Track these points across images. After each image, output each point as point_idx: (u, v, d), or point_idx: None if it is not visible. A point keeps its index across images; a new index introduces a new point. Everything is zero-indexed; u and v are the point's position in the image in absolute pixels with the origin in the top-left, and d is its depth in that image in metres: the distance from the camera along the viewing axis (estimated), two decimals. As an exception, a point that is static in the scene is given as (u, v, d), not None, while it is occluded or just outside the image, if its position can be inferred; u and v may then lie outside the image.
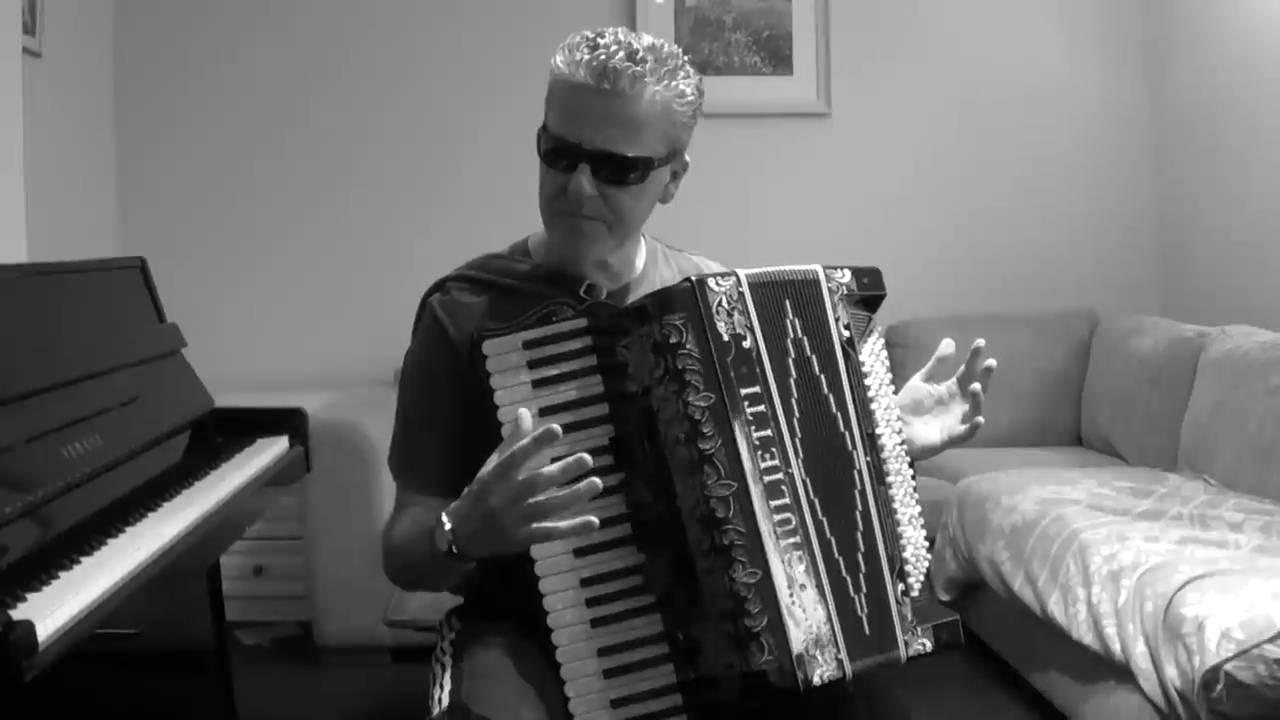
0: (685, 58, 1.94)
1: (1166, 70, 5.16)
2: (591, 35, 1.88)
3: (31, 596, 1.76)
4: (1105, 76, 5.25)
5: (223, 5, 4.95)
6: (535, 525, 1.64)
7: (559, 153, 1.91)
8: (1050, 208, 5.24)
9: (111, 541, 2.07)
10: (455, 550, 1.74)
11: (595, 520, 1.64)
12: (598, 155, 1.88)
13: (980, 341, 2.06)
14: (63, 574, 1.88)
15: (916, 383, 2.10)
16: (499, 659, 1.91)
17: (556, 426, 1.62)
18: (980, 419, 2.05)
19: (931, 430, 2.06)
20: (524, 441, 1.62)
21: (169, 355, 2.89)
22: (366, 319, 4.92)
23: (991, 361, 2.06)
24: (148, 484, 2.41)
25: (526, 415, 1.66)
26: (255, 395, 3.85)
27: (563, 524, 1.64)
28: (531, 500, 1.62)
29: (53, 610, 1.71)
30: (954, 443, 2.09)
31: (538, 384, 1.80)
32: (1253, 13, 4.50)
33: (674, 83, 1.89)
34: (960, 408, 2.08)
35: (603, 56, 1.84)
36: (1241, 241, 4.68)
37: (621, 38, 1.87)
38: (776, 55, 5.06)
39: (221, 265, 4.97)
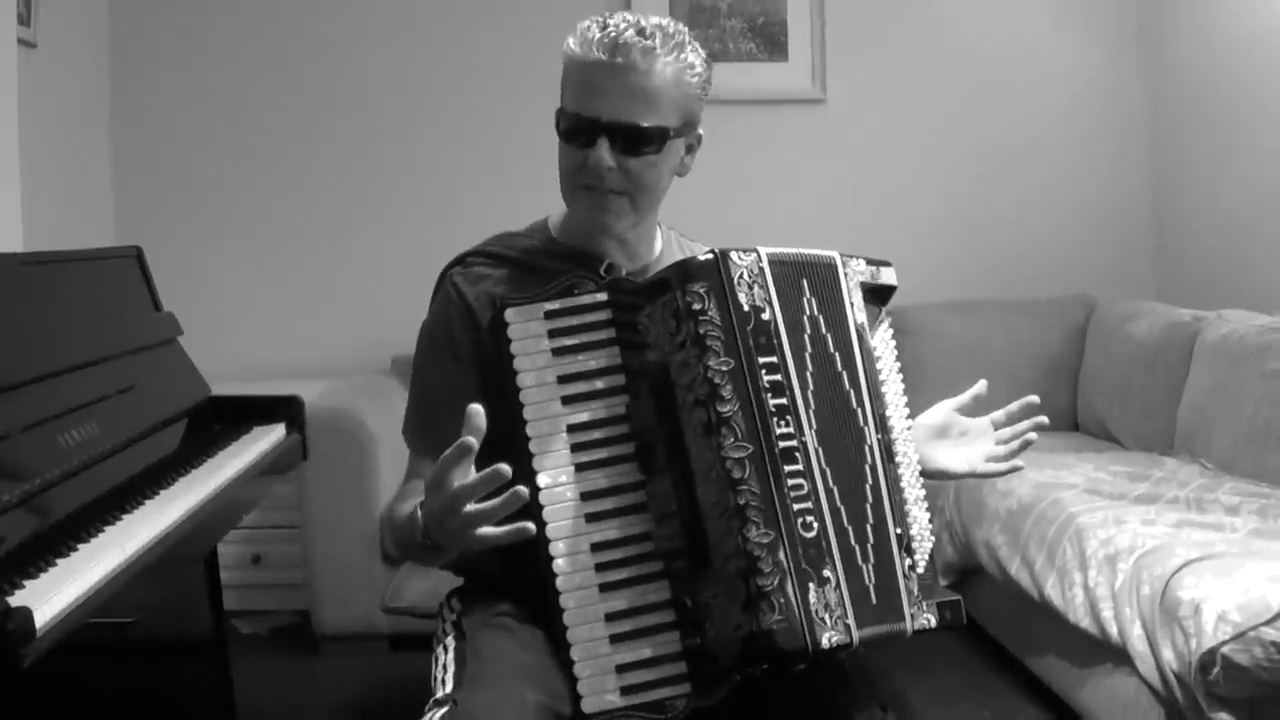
0: (691, 34, 2.02)
1: (1163, 54, 5.15)
2: (601, 18, 1.97)
3: (29, 583, 1.76)
4: (1101, 61, 5.25)
5: (217, -6, 4.95)
6: (475, 532, 1.68)
7: (577, 129, 1.97)
8: (1046, 193, 5.24)
9: (108, 529, 2.07)
10: (429, 541, 1.79)
11: (531, 527, 1.69)
12: (615, 127, 1.94)
13: (1034, 398, 2.19)
14: (60, 561, 1.88)
15: (946, 409, 2.18)
16: (501, 639, 1.93)
17: (471, 440, 1.65)
18: (1021, 464, 2.18)
19: (954, 458, 2.16)
20: (446, 453, 1.66)
21: (165, 344, 2.89)
22: (363, 307, 4.92)
23: (1044, 419, 2.17)
24: (144, 472, 2.41)
25: (479, 411, 1.68)
26: (252, 383, 3.86)
27: (498, 530, 1.68)
28: (465, 510, 1.66)
29: (50, 597, 1.71)
30: (976, 476, 2.19)
31: (558, 353, 1.85)
32: (1248, -4, 4.51)
33: (683, 55, 1.97)
34: (986, 444, 2.17)
35: (613, 33, 1.92)
36: (1237, 226, 4.68)
37: (630, 17, 1.96)
38: (771, 41, 5.05)
39: (218, 254, 4.97)
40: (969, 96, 5.19)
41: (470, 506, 1.66)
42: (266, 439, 2.89)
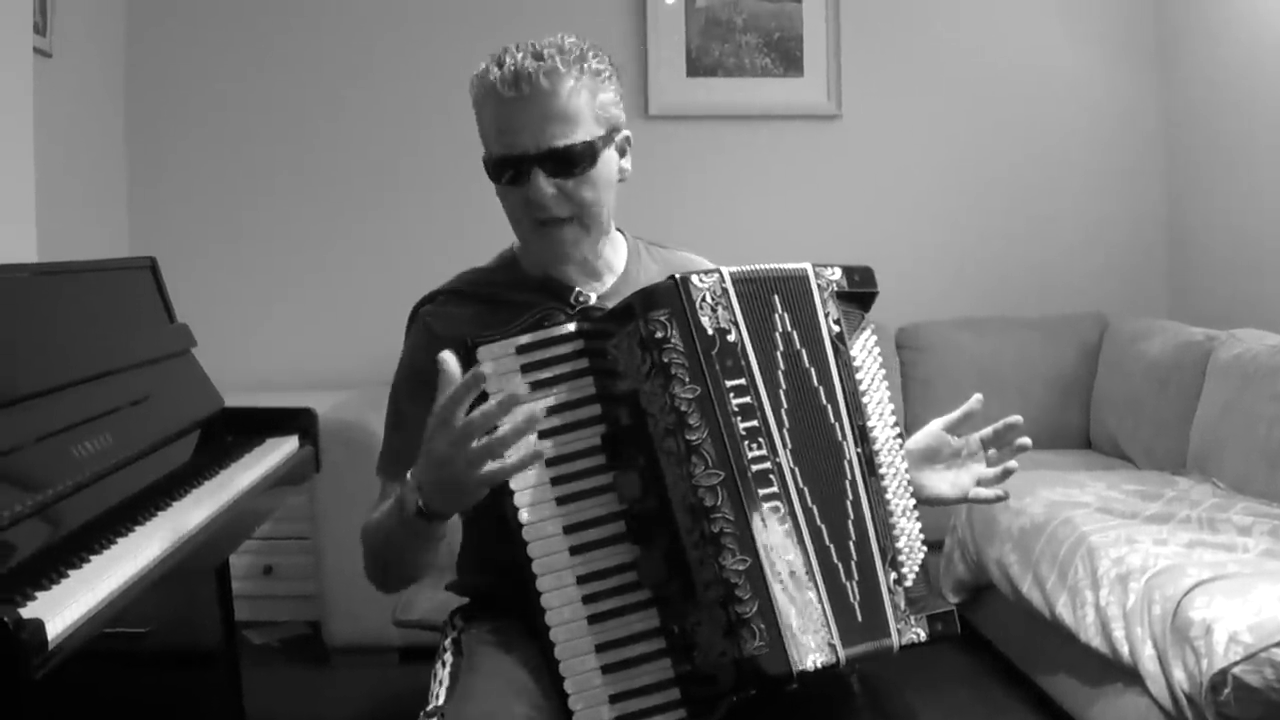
0: (588, 42, 2.00)
1: (1176, 72, 5.15)
2: (495, 55, 1.97)
3: (41, 595, 1.77)
4: (1115, 79, 5.25)
5: (233, 7, 4.96)
6: (485, 469, 1.66)
7: (507, 169, 1.97)
8: (1060, 210, 5.24)
9: (121, 540, 2.08)
10: (423, 506, 1.76)
11: (542, 447, 1.70)
12: (544, 155, 1.93)
13: (1017, 418, 2.10)
14: (72, 573, 1.89)
15: (936, 430, 2.12)
16: (497, 656, 1.93)
17: (483, 370, 1.66)
18: (1006, 494, 2.11)
19: (942, 482, 2.10)
20: (451, 389, 1.66)
21: (179, 355, 2.90)
22: (376, 320, 4.89)
23: (1027, 441, 2.09)
24: (157, 483, 2.42)
25: (451, 359, 1.69)
26: (265, 395, 3.86)
27: (510, 460, 1.66)
28: (474, 444, 1.64)
29: (62, 609, 1.72)
30: (968, 501, 2.13)
31: (533, 387, 1.83)
32: (1264, 11, 4.50)
33: (586, 64, 1.96)
34: (978, 467, 2.12)
35: (512, 66, 1.92)
36: (1250, 245, 4.67)
37: (523, 45, 1.96)
38: (787, 57, 5.06)
39: (232, 265, 4.98)
40: (983, 113, 5.19)
41: (477, 443, 1.64)
42: (279, 451, 2.90)
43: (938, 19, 5.17)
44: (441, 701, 1.92)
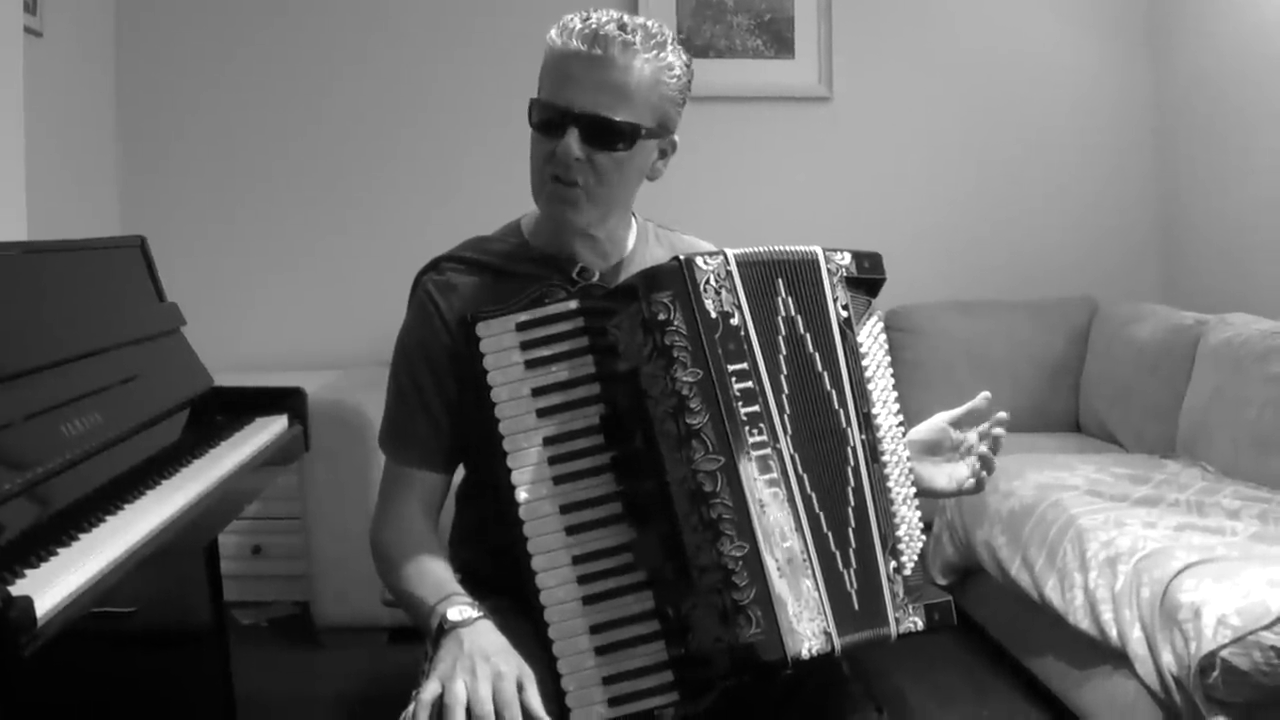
0: (676, 39, 2.00)
1: (1168, 56, 5.15)
2: (585, 11, 1.95)
3: (30, 573, 1.76)
4: (1107, 62, 5.24)
5: (224, -16, 4.95)
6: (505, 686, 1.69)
7: (548, 119, 1.95)
8: (1051, 193, 5.24)
9: (110, 519, 2.07)
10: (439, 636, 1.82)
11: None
12: (585, 118, 1.91)
13: (986, 401, 2.12)
14: (61, 551, 1.88)
15: (940, 424, 2.13)
16: None
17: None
18: (986, 476, 2.12)
19: (940, 475, 2.10)
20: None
21: (168, 334, 2.89)
22: (366, 299, 4.91)
23: (1001, 428, 2.11)
24: (146, 462, 2.41)
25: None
26: (254, 375, 3.85)
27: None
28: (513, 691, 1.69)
29: (51, 586, 1.71)
30: (960, 494, 2.14)
31: (530, 364, 1.83)
32: (1256, -1, 4.50)
33: (663, 54, 1.94)
34: (974, 460, 2.12)
35: (594, 25, 1.90)
36: (1241, 229, 4.67)
37: (614, 14, 1.94)
38: (778, 38, 5.05)
39: (222, 245, 4.97)
40: (975, 96, 5.19)
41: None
42: (268, 430, 2.89)
43: (929, 2, 5.16)
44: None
